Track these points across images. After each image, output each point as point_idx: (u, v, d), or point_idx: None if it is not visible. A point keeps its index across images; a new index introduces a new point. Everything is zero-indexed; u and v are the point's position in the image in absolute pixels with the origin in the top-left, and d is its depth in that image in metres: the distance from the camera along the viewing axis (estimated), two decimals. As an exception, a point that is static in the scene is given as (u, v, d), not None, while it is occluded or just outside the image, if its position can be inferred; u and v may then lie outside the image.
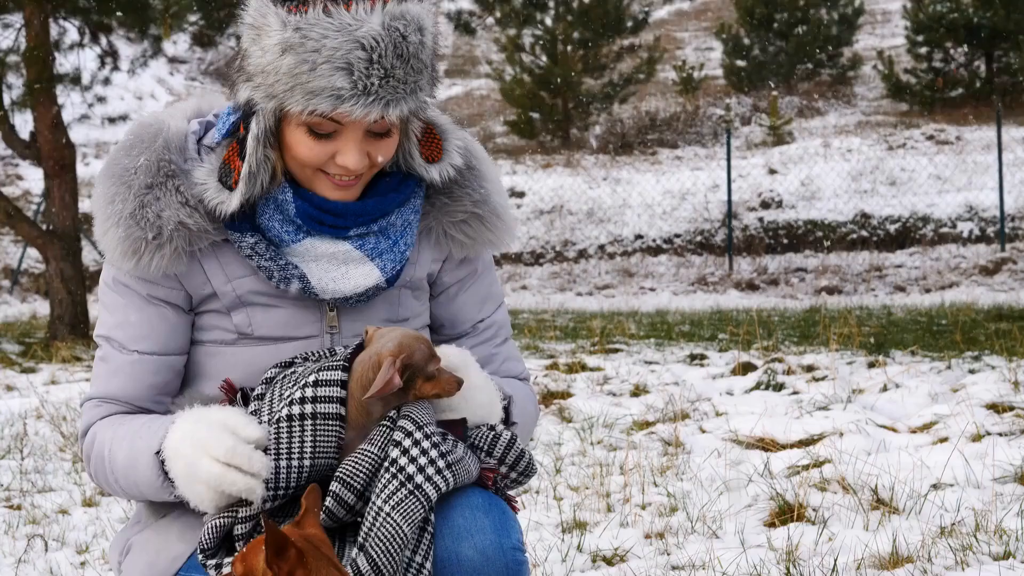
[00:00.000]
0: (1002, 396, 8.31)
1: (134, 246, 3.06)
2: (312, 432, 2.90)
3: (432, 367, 2.94)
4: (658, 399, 9.40)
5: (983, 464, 6.63)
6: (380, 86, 2.88)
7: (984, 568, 4.94)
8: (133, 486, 3.04)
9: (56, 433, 8.94)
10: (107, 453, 3.06)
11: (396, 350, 2.89)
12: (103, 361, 3.17)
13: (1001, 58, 38.74)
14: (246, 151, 3.01)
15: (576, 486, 6.95)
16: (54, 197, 16.48)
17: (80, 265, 16.71)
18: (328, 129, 2.96)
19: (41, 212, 24.58)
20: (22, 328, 18.81)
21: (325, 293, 3.12)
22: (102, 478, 3.13)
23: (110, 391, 3.14)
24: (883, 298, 20.62)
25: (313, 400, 2.90)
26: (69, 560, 5.89)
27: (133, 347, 3.13)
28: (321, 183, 3.06)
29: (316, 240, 3.11)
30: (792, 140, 34.69)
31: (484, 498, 2.96)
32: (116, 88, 23.10)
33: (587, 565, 5.53)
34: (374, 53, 2.86)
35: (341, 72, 2.85)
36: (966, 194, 26.86)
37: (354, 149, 2.99)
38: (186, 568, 3.07)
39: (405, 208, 3.18)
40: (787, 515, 5.97)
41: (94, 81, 18.71)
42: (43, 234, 16.51)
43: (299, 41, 2.85)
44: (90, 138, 34.17)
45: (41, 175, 18.69)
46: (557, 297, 23.13)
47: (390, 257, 3.15)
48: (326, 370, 2.93)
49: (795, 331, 14.30)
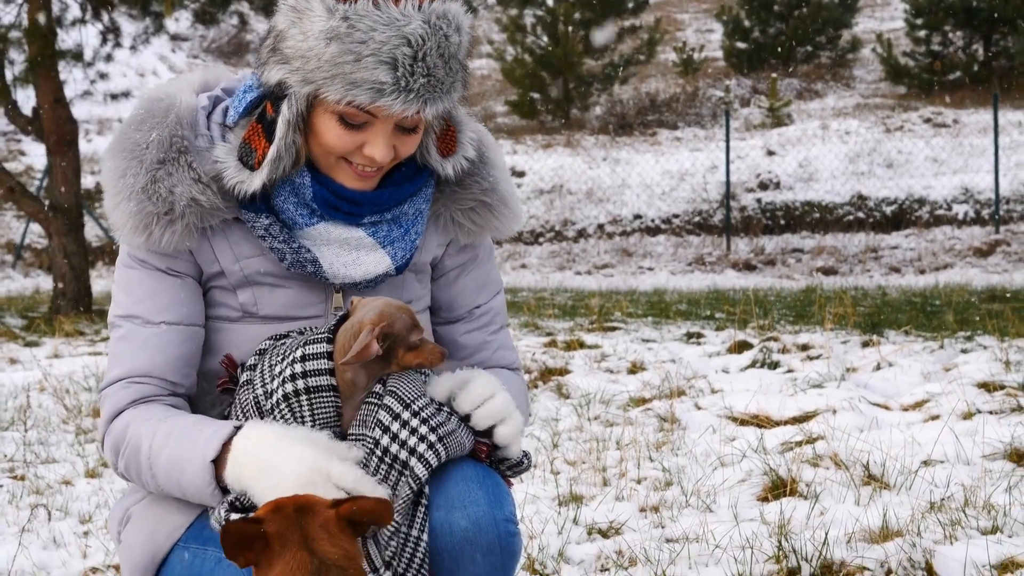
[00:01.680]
0: (993, 375, 8.34)
1: (145, 220, 3.05)
2: (309, 406, 2.93)
3: (414, 337, 2.96)
4: (655, 376, 9.42)
5: (973, 441, 6.66)
6: (422, 84, 2.89)
7: (972, 542, 4.97)
8: (175, 486, 2.99)
9: (59, 405, 8.96)
10: (147, 448, 3.01)
11: (376, 318, 2.90)
12: (125, 340, 3.12)
13: (999, 42, 38.65)
14: (274, 133, 3.00)
15: (573, 460, 6.98)
16: (57, 173, 16.46)
17: (83, 240, 16.71)
18: (360, 120, 2.96)
19: (44, 188, 24.54)
20: (25, 302, 18.82)
21: (336, 278, 3.14)
22: (134, 471, 3.07)
23: (138, 368, 3.10)
24: (878, 279, 20.63)
25: (304, 375, 2.92)
26: (72, 529, 5.91)
27: (159, 319, 3.11)
28: (342, 171, 3.07)
29: (330, 225, 3.12)
30: (791, 122, 34.62)
31: (478, 470, 2.99)
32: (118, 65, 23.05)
33: (583, 537, 5.55)
34: (419, 51, 2.86)
35: (385, 66, 2.85)
36: (962, 176, 26.84)
37: (383, 142, 2.99)
38: (185, 539, 3.10)
39: (417, 197, 3.20)
40: (780, 490, 6.00)
41: (96, 58, 18.67)
42: (45, 209, 16.49)
43: (346, 31, 2.84)
44: (92, 114, 34.11)
45: (44, 151, 18.70)
46: (556, 276, 23.14)
47: (401, 245, 3.17)
48: (311, 343, 2.95)
49: (791, 311, 14.31)
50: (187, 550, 3.08)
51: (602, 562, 5.17)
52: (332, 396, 2.93)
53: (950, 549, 4.89)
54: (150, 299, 3.12)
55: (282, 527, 2.60)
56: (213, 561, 3.02)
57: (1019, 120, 30.36)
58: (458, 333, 3.41)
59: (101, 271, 24.28)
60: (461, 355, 3.37)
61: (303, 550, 2.59)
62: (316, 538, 2.61)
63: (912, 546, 4.87)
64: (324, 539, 2.61)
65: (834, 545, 5.00)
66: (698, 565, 5.04)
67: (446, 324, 3.42)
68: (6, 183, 16.39)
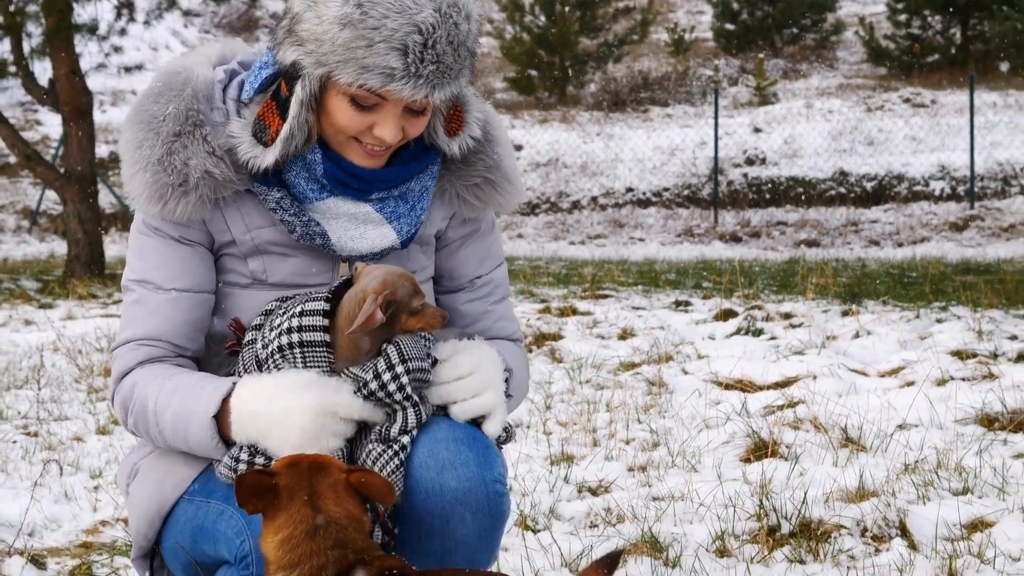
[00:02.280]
0: (966, 344, 8.35)
1: (160, 191, 3.04)
2: (303, 359, 2.92)
3: (416, 302, 2.96)
4: (644, 342, 9.42)
5: (946, 407, 6.67)
6: (431, 71, 2.88)
7: (944, 503, 4.97)
8: (181, 441, 3.02)
9: (72, 365, 8.95)
10: (152, 406, 3.03)
11: (379, 287, 2.90)
12: (137, 304, 3.13)
13: (976, 26, 38.59)
14: (288, 112, 2.99)
15: (565, 422, 6.98)
16: (72, 142, 16.42)
17: (96, 207, 16.68)
18: (371, 102, 2.96)
19: (59, 156, 24.45)
20: (40, 266, 18.80)
21: (343, 251, 3.14)
22: (142, 427, 3.09)
23: (148, 331, 3.11)
24: (858, 251, 20.61)
25: (299, 329, 2.92)
26: (83, 484, 5.91)
27: (171, 285, 3.11)
28: (352, 150, 3.06)
29: (339, 200, 3.11)
30: (776, 101, 34.57)
31: (468, 433, 2.99)
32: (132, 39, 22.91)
33: (573, 495, 5.56)
34: (430, 38, 2.86)
35: (396, 52, 2.84)
36: (939, 154, 26.81)
37: (392, 124, 2.99)
38: (190, 492, 3.12)
39: (424, 175, 3.19)
40: (762, 451, 6.00)
41: (111, 32, 18.57)
42: (61, 177, 16.48)
43: (360, 18, 2.83)
44: (107, 86, 33.95)
45: (59, 120, 18.63)
46: (551, 246, 23.11)
47: (407, 221, 3.17)
48: (311, 301, 2.96)
49: (775, 281, 14.30)
50: (192, 502, 3.09)
51: (591, 519, 5.17)
52: (325, 352, 2.93)
53: (923, 509, 4.90)
54: (163, 266, 3.13)
55: (293, 481, 2.65)
56: (216, 513, 3.02)
57: (994, 101, 30.33)
58: (460, 302, 3.40)
59: (114, 236, 24.23)
60: (462, 324, 3.36)
61: (308, 506, 2.63)
62: (323, 496, 2.65)
63: (887, 506, 4.87)
64: (330, 498, 2.65)
65: (813, 504, 5.00)
66: (683, 522, 5.05)
67: (448, 293, 3.41)
68: (23, 151, 16.36)
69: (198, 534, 3.05)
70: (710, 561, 4.58)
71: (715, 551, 4.70)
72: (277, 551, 2.64)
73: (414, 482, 2.91)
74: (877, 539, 4.71)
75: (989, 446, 5.93)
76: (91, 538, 5.15)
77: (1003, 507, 4.95)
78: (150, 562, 3.27)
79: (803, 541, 4.67)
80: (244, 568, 2.90)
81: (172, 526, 3.13)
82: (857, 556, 4.56)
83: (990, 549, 4.48)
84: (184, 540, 3.09)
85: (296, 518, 2.63)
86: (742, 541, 4.78)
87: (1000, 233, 21.82)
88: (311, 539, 2.62)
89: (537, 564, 4.60)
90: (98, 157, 17.84)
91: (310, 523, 2.62)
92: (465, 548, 2.94)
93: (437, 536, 2.92)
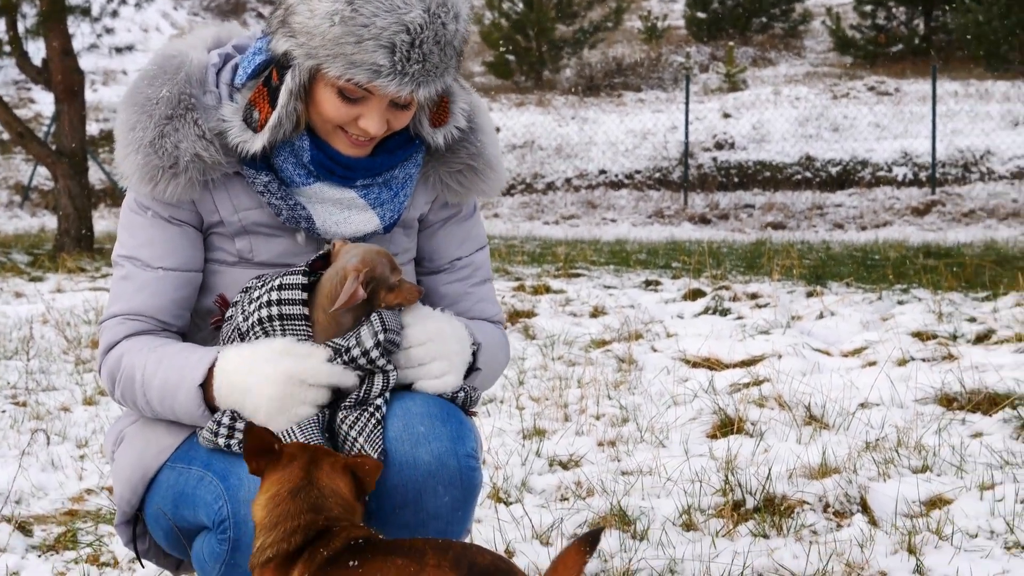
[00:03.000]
0: (926, 325, 8.35)
1: (151, 173, 3.05)
2: (282, 331, 2.93)
3: (394, 279, 2.98)
4: (615, 320, 9.40)
5: (907, 386, 6.67)
6: (417, 69, 2.88)
7: (904, 480, 4.97)
8: (169, 410, 3.04)
9: (60, 337, 8.90)
10: (140, 377, 3.05)
11: (360, 265, 2.92)
12: (126, 280, 3.15)
13: (939, 18, 38.69)
14: (277, 100, 3.00)
15: (537, 397, 6.96)
16: (63, 120, 16.37)
17: (86, 183, 16.62)
18: (357, 95, 2.96)
19: (51, 133, 24.35)
20: (31, 240, 18.70)
21: (327, 234, 3.14)
22: (129, 398, 3.10)
23: (134, 307, 3.13)
24: (823, 234, 20.64)
25: (279, 303, 2.93)
26: (69, 453, 5.88)
27: (158, 264, 3.12)
28: (338, 139, 3.06)
29: (324, 185, 3.12)
30: (745, 87, 34.55)
31: (443, 408, 2.99)
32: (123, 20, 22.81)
33: (544, 468, 5.54)
34: (417, 38, 2.86)
35: (383, 50, 2.84)
36: (902, 141, 26.85)
37: (377, 116, 2.99)
38: (172, 459, 3.11)
39: (408, 163, 3.20)
40: (728, 428, 5.99)
41: (103, 13, 18.50)
42: (52, 154, 16.41)
43: (350, 15, 2.83)
44: (98, 66, 33.79)
45: (52, 99, 18.58)
46: (526, 225, 23.08)
47: (390, 207, 3.18)
48: (289, 275, 2.97)
49: (742, 262, 14.30)
50: (174, 469, 3.09)
51: (562, 492, 5.16)
52: (303, 324, 2.94)
53: (883, 486, 4.90)
54: (151, 245, 3.14)
55: (297, 450, 2.71)
56: (196, 479, 3.02)
57: (955, 90, 30.36)
58: (440, 283, 3.39)
59: (103, 212, 24.14)
60: (442, 304, 3.33)
61: (301, 469, 2.67)
62: (319, 465, 2.69)
63: (848, 482, 4.87)
64: (325, 470, 2.69)
65: (777, 480, 4.99)
66: (651, 496, 5.03)
67: (429, 274, 3.40)
68: (16, 128, 16.28)
69: (179, 500, 3.05)
70: (677, 535, 4.57)
71: (682, 525, 4.69)
72: (263, 511, 2.67)
73: (389, 456, 2.90)
74: (839, 515, 4.70)
75: (948, 425, 5.93)
76: (76, 506, 5.13)
77: (961, 485, 4.95)
78: (133, 528, 3.27)
79: (767, 516, 4.66)
80: (222, 532, 2.89)
81: (154, 492, 3.13)
82: (819, 531, 4.55)
83: (948, 526, 4.48)
84: (166, 506, 3.08)
85: (286, 477, 2.67)
86: (708, 515, 4.77)
87: (960, 218, 21.87)
88: (292, 499, 2.64)
89: (509, 536, 4.58)
90: (89, 135, 17.74)
91: (296, 483, 2.66)
92: (438, 520, 2.94)
93: (411, 508, 2.91)
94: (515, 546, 4.47)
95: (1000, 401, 6.16)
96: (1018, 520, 4.51)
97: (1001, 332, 8.03)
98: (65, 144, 16.29)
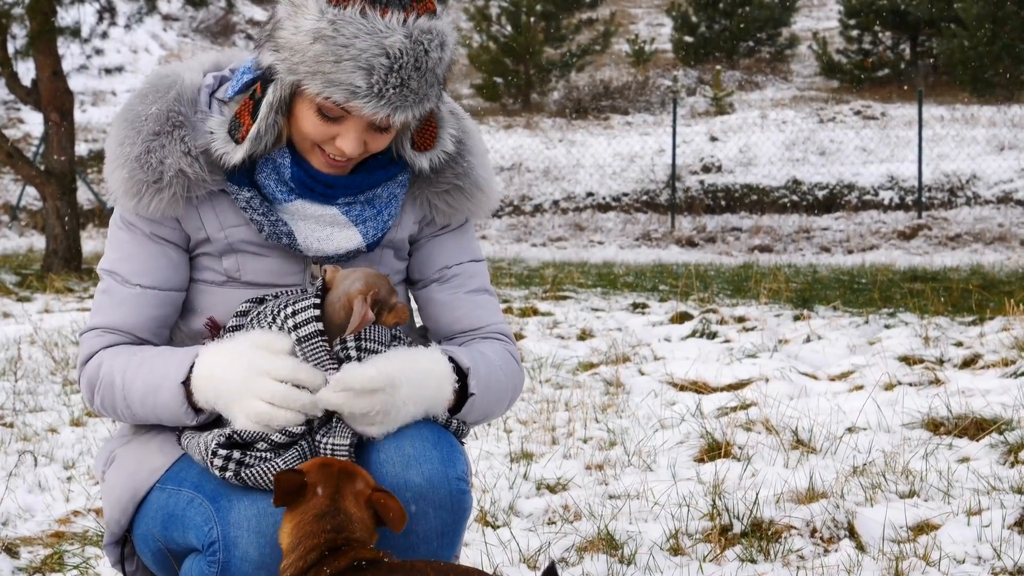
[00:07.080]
0: (913, 350, 8.36)
1: (136, 187, 3.07)
2: (303, 355, 2.93)
3: (393, 299, 3.01)
4: (602, 343, 9.40)
5: (894, 411, 6.67)
6: (393, 93, 2.87)
7: (891, 505, 4.97)
8: (150, 411, 3.04)
9: (48, 358, 8.87)
10: (119, 380, 3.05)
11: (364, 288, 2.94)
12: (106, 294, 3.16)
13: (924, 43, 38.94)
14: (259, 112, 3.01)
15: (525, 420, 6.95)
16: (53, 140, 16.34)
17: (75, 204, 16.58)
18: (336, 114, 2.96)
19: (40, 154, 24.30)
20: (19, 260, 18.65)
21: (309, 251, 3.14)
22: (108, 403, 3.11)
23: (113, 322, 3.14)
24: (810, 257, 20.66)
25: (295, 327, 2.93)
26: (56, 475, 5.85)
27: (136, 281, 3.13)
28: (316, 157, 3.06)
29: (306, 202, 3.12)
30: (732, 111, 34.65)
31: (434, 431, 2.99)
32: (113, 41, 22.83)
33: (532, 492, 5.53)
34: (396, 63, 2.85)
35: (361, 71, 2.84)
36: (888, 165, 26.95)
37: (354, 137, 2.99)
38: (163, 480, 3.10)
39: (392, 183, 3.19)
40: (715, 452, 5.98)
41: (93, 34, 18.46)
42: (41, 174, 16.37)
43: (331, 34, 2.83)
44: (88, 87, 33.79)
45: (41, 119, 18.52)
46: (513, 247, 23.09)
47: (373, 225, 3.17)
48: (300, 301, 2.98)
49: (729, 285, 14.31)
50: (164, 490, 3.08)
51: (549, 515, 5.14)
52: (321, 341, 2.93)
53: (870, 511, 4.89)
54: (130, 260, 3.15)
55: (321, 479, 2.73)
56: (185, 501, 3.00)
57: (941, 115, 30.49)
58: (433, 293, 3.36)
59: (91, 232, 24.09)
60: (436, 313, 3.33)
61: (327, 498, 2.71)
62: (345, 496, 2.72)
63: (836, 507, 4.86)
64: (350, 500, 2.72)
65: (764, 504, 4.98)
66: (638, 520, 5.02)
67: (423, 287, 3.38)
68: (5, 148, 16.24)
69: (168, 521, 3.03)
70: (664, 559, 4.56)
71: (669, 549, 4.68)
72: (288, 537, 2.71)
73: (379, 477, 2.90)
74: (826, 540, 4.69)
75: (935, 450, 5.93)
76: (63, 528, 5.10)
77: (948, 510, 4.95)
78: (121, 549, 3.25)
79: (754, 541, 4.65)
80: (211, 555, 2.87)
81: (144, 513, 3.11)
82: (807, 556, 4.54)
83: (935, 551, 4.47)
84: (155, 527, 3.07)
85: (312, 506, 2.70)
86: (695, 540, 4.75)
87: (947, 242, 21.92)
88: (315, 521, 2.69)
89: (496, 559, 4.57)
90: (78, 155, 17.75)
91: (321, 509, 2.69)
92: (428, 543, 2.94)
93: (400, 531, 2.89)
94: (502, 570, 4.46)
95: (987, 426, 6.16)
96: (1005, 546, 4.51)
97: (988, 357, 8.04)
98: (54, 165, 16.26)
